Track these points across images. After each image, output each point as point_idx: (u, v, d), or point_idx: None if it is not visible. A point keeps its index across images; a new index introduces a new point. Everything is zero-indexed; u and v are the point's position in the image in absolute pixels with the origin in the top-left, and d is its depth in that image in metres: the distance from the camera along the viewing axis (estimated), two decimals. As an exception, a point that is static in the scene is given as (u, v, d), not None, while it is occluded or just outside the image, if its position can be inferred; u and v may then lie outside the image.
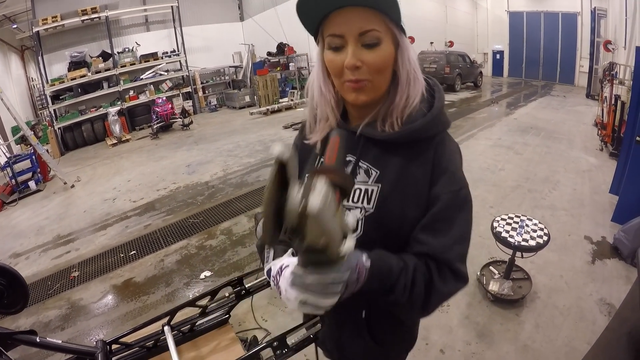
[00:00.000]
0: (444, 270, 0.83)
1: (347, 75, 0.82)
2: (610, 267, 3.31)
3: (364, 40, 0.79)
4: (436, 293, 0.82)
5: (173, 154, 8.31)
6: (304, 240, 0.57)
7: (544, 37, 15.10)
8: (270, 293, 3.25)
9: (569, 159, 6.01)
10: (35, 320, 3.27)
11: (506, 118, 9.13)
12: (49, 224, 5.38)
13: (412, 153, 0.88)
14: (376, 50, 0.80)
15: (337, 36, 0.80)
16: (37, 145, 6.88)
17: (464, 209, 0.87)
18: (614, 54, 8.29)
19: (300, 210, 0.55)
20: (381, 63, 0.82)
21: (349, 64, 0.80)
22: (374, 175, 0.90)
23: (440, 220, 0.85)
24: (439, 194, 0.85)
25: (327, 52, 0.84)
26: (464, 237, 0.87)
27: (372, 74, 0.82)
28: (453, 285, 0.84)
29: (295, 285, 0.66)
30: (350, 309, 1.02)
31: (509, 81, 15.94)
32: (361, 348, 1.07)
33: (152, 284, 3.64)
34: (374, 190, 0.89)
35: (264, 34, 12.89)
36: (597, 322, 2.69)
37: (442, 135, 0.91)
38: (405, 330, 1.15)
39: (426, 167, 0.87)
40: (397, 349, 1.16)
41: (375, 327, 1.04)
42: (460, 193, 0.86)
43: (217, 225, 4.71)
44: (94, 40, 11.25)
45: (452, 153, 0.90)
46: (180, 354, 1.31)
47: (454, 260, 0.83)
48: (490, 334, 2.67)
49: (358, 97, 0.85)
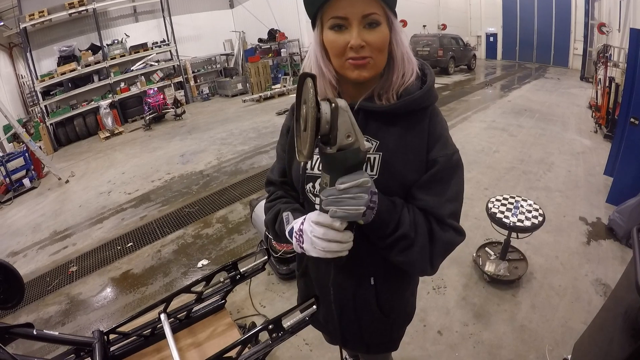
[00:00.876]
0: (442, 223, 0.94)
1: (350, 53, 0.88)
2: (605, 248, 3.33)
3: (366, 22, 0.86)
4: (438, 241, 0.93)
5: (167, 144, 8.26)
6: (335, 142, 0.72)
7: (538, 19, 15.03)
8: (268, 279, 3.29)
9: (563, 140, 6.02)
10: (35, 317, 3.27)
11: (500, 100, 9.12)
12: (45, 220, 5.36)
13: (409, 123, 0.96)
14: (377, 31, 0.87)
15: (341, 18, 0.86)
16: (29, 142, 6.82)
17: (457, 171, 0.97)
18: (608, 37, 8.26)
19: (331, 111, 0.72)
20: (382, 42, 0.88)
21: (355, 43, 0.86)
22: (374, 145, 0.97)
23: (435, 181, 0.94)
24: (436, 157, 0.94)
25: (329, 33, 0.90)
26: (456, 196, 0.97)
27: (374, 52, 0.88)
28: (452, 235, 0.94)
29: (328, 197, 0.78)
30: (359, 277, 1.08)
31: (503, 64, 15.90)
32: (369, 319, 1.13)
33: (150, 274, 3.64)
34: (375, 159, 0.96)
35: (255, 20, 12.77)
36: (592, 303, 2.71)
37: (434, 106, 1.00)
38: (407, 302, 1.22)
39: (423, 135, 0.95)
40: (399, 321, 1.23)
41: (382, 296, 1.10)
42: (453, 157, 0.96)
43: (212, 213, 4.72)
44: (83, 34, 11.08)
45: (443, 122, 1.00)
46: (178, 341, 1.31)
47: (447, 216, 0.94)
48: (487, 314, 2.69)
49: (360, 73, 0.90)
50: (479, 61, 15.77)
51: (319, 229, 0.84)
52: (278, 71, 13.36)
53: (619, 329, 1.53)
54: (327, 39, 0.91)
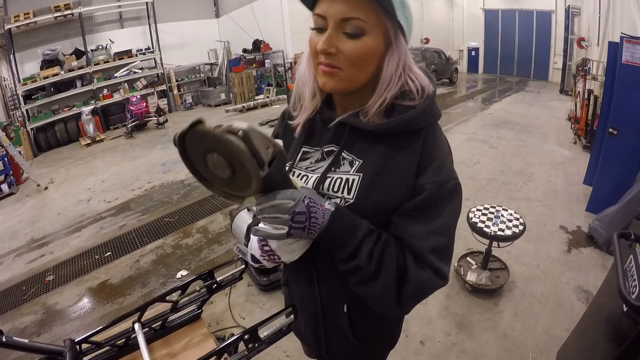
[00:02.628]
0: (420, 259, 0.79)
1: (321, 58, 0.79)
2: (586, 256, 3.38)
3: (345, 28, 0.75)
4: (411, 281, 0.78)
5: (148, 153, 8.14)
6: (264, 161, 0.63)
7: (519, 34, 15.38)
8: (248, 290, 3.24)
9: (543, 152, 6.13)
10: (10, 327, 3.15)
11: (481, 113, 9.26)
12: (22, 227, 5.20)
13: (400, 143, 0.84)
14: (356, 41, 0.75)
15: (320, 16, 0.77)
16: (9, 146, 6.64)
17: (449, 201, 0.83)
18: (587, 51, 8.50)
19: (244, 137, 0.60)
20: (358, 55, 0.76)
21: (320, 48, 0.76)
22: (356, 165, 0.86)
23: (419, 209, 0.81)
24: (424, 183, 0.81)
25: (312, 32, 0.81)
26: (443, 230, 0.81)
27: (346, 64, 0.77)
28: (429, 276, 0.79)
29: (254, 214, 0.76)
30: (331, 302, 1.00)
31: (484, 77, 16.20)
32: (343, 344, 1.05)
33: (128, 285, 3.55)
34: (354, 180, 0.85)
35: (240, 30, 12.77)
36: (575, 310, 2.74)
37: (433, 125, 0.87)
38: (388, 328, 1.11)
39: (413, 157, 0.83)
40: (379, 347, 1.13)
41: (357, 322, 1.01)
42: (446, 184, 0.81)
43: (192, 223, 4.65)
44: (67, 38, 10.92)
45: (442, 143, 0.87)
46: (152, 351, 1.27)
47: (428, 251, 0.79)
48: (469, 324, 2.69)
49: (326, 82, 0.81)
50: (461, 75, 16.04)
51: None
52: (262, 82, 13.35)
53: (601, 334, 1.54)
54: (310, 37, 0.82)
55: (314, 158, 0.95)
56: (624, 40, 3.44)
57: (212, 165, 0.65)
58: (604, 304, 1.71)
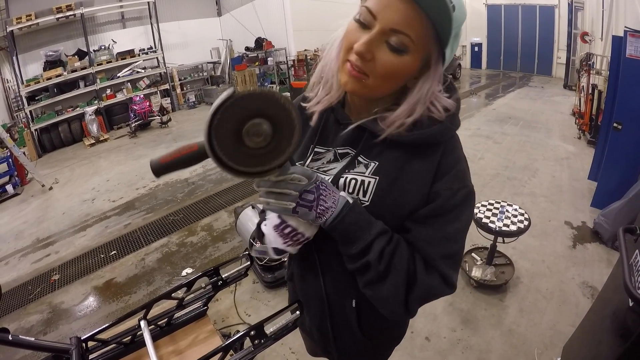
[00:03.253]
0: (430, 265, 0.80)
1: (352, 57, 0.74)
2: (591, 251, 3.37)
3: (390, 38, 0.70)
4: (419, 286, 0.79)
5: (152, 152, 8.15)
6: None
7: (522, 29, 15.25)
8: (253, 288, 3.24)
9: (547, 147, 6.09)
10: (17, 326, 3.18)
11: (485, 109, 9.21)
12: (27, 227, 5.23)
13: (417, 150, 0.82)
14: (396, 57, 0.71)
15: (370, 13, 0.71)
16: (13, 147, 6.66)
17: (462, 208, 0.82)
18: (590, 45, 8.41)
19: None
20: (392, 71, 0.73)
21: (357, 50, 0.71)
22: (372, 166, 0.84)
23: (434, 216, 0.80)
24: (439, 189, 0.80)
25: (352, 23, 0.75)
26: (456, 237, 0.82)
27: (376, 74, 0.74)
28: (438, 282, 0.79)
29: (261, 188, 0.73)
30: (338, 297, 1.00)
31: (488, 73, 16.09)
32: (349, 339, 1.04)
33: (133, 283, 3.57)
34: (370, 183, 0.83)
35: (242, 29, 12.75)
36: (580, 305, 2.74)
37: (453, 135, 0.85)
38: (395, 325, 1.11)
39: (431, 165, 0.81)
40: (385, 343, 1.13)
41: (364, 318, 1.00)
42: (459, 192, 0.81)
43: (197, 221, 4.67)
44: (70, 39, 10.92)
45: (459, 153, 0.86)
46: (158, 348, 1.27)
47: (439, 257, 0.79)
48: (474, 319, 2.69)
49: (348, 83, 0.77)
50: (464, 70, 15.96)
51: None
52: (265, 80, 13.31)
53: (607, 330, 1.53)
54: (348, 28, 0.77)
55: (326, 159, 0.93)
56: (627, 34, 3.41)
57: (250, 134, 0.64)
58: (610, 299, 1.70)
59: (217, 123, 0.62)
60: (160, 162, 0.72)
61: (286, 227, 0.79)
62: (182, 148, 0.73)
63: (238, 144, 0.64)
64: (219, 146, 0.63)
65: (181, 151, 0.73)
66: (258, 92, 0.62)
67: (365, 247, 0.77)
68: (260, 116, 0.63)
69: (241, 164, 0.65)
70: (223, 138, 0.63)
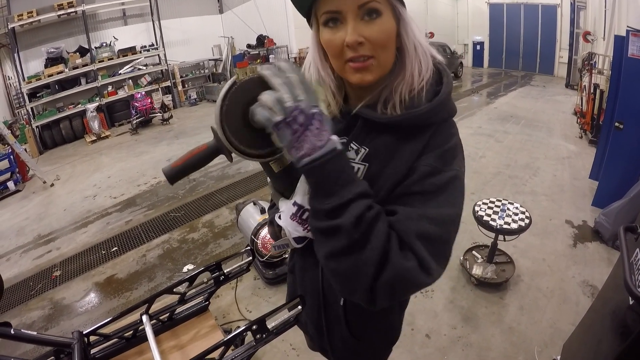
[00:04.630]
0: (405, 243, 0.69)
1: (348, 53, 0.75)
2: (591, 250, 3.37)
3: (363, 14, 0.72)
4: (389, 268, 0.66)
5: (153, 149, 8.18)
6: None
7: (524, 28, 15.22)
8: (254, 284, 3.25)
9: (548, 146, 6.09)
10: (18, 322, 3.19)
11: (486, 107, 9.20)
12: (29, 224, 5.25)
13: (409, 135, 0.79)
14: (377, 23, 0.73)
15: (334, 12, 0.73)
16: (15, 144, 6.68)
17: (445, 189, 0.75)
18: (593, 45, 8.40)
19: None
20: (384, 36, 0.74)
21: (350, 40, 0.72)
22: (362, 152, 0.83)
23: (413, 193, 0.74)
24: (418, 165, 0.75)
25: (324, 32, 0.77)
26: (437, 219, 0.72)
27: (377, 49, 0.74)
28: (412, 266, 0.67)
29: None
30: (332, 292, 1.00)
31: (489, 72, 16.08)
32: (340, 338, 1.04)
33: (134, 279, 3.58)
34: (360, 169, 0.82)
35: (244, 26, 12.74)
36: (580, 304, 2.74)
37: (447, 121, 0.82)
38: (386, 325, 1.07)
39: (418, 145, 0.78)
40: (378, 344, 1.11)
41: (352, 318, 0.99)
42: (445, 172, 0.75)
43: (198, 218, 4.68)
44: (71, 36, 10.94)
45: (452, 135, 0.81)
46: (160, 343, 1.28)
47: (415, 236, 0.69)
48: (475, 317, 2.69)
49: (363, 77, 0.77)
50: (466, 69, 15.93)
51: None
52: (267, 77, 13.34)
53: (607, 328, 1.53)
54: (323, 39, 0.78)
55: None
56: (630, 34, 3.41)
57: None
58: (610, 298, 1.70)
59: (227, 109, 0.67)
60: (172, 167, 0.76)
61: (304, 212, 0.78)
62: (193, 150, 0.76)
63: (246, 127, 0.69)
64: (231, 131, 0.68)
65: (192, 152, 0.76)
66: (257, 77, 0.68)
67: (340, 205, 0.66)
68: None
69: (252, 146, 0.71)
70: (233, 122, 0.68)
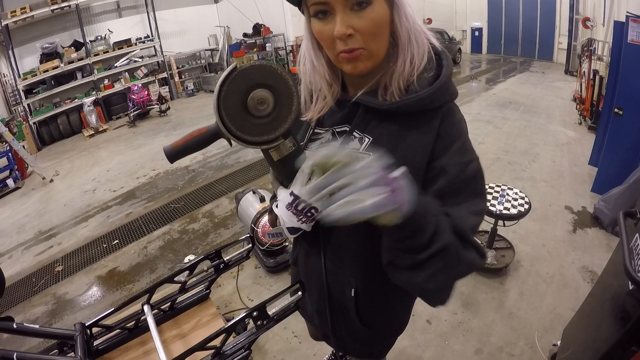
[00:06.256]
0: (464, 240, 0.71)
1: (339, 45, 0.74)
2: (591, 236, 3.38)
3: (352, 3, 0.71)
4: (462, 263, 0.68)
5: (152, 140, 8.16)
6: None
7: (523, 14, 15.09)
8: (255, 272, 3.26)
9: (548, 132, 6.07)
10: (22, 318, 3.21)
11: (485, 93, 9.16)
12: (29, 220, 5.26)
13: (414, 122, 0.79)
14: (367, 12, 0.71)
15: (322, 3, 0.72)
16: (12, 141, 6.66)
17: (476, 182, 0.77)
18: (592, 31, 8.35)
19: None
20: (375, 26, 0.73)
21: (338, 33, 0.71)
22: (366, 142, 0.82)
23: (448, 194, 0.75)
24: (445, 165, 0.76)
25: (315, 23, 0.76)
26: (477, 210, 0.75)
27: (367, 39, 0.73)
28: (474, 256, 0.72)
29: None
30: (339, 284, 1.00)
31: (488, 58, 15.97)
32: (348, 327, 1.05)
33: (136, 271, 3.60)
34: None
35: (240, 15, 12.63)
36: (580, 289, 2.75)
37: (450, 105, 0.82)
38: (395, 314, 1.08)
39: (428, 137, 0.78)
40: (385, 333, 1.12)
41: (363, 308, 1.00)
42: (469, 165, 0.77)
43: (198, 208, 4.69)
44: (65, 30, 10.85)
45: (460, 123, 0.82)
46: (162, 332, 1.28)
47: (470, 231, 0.72)
48: (475, 302, 2.71)
49: (355, 67, 0.77)
50: (465, 55, 15.83)
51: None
52: (263, 65, 13.29)
53: (607, 314, 1.54)
54: (314, 30, 0.78)
55: (325, 139, 0.92)
56: (629, 20, 3.38)
57: (255, 102, 0.70)
58: (609, 284, 1.71)
59: (225, 94, 0.68)
60: (173, 146, 0.76)
61: (300, 203, 0.78)
62: (193, 132, 0.77)
63: (244, 114, 0.70)
64: (228, 116, 0.69)
65: (192, 134, 0.77)
66: (258, 64, 0.68)
67: (434, 232, 0.64)
68: (262, 86, 0.69)
69: (249, 133, 0.71)
70: (231, 108, 0.69)
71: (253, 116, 0.70)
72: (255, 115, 0.70)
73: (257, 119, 0.71)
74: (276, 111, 0.72)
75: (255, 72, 0.69)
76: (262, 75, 0.69)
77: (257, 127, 0.72)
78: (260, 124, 0.71)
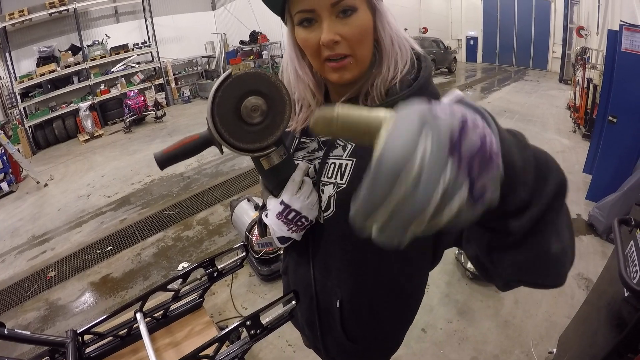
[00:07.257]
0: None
1: (325, 52, 0.74)
2: (586, 243, 3.39)
3: (337, 12, 0.71)
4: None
5: (147, 147, 8.13)
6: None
7: (518, 23, 15.27)
8: (249, 281, 3.24)
9: (542, 140, 6.10)
10: (14, 324, 3.18)
11: (480, 102, 9.18)
12: (23, 225, 5.22)
13: None
14: (353, 19, 0.71)
15: (308, 11, 0.72)
16: (7, 144, 6.63)
17: None
18: (586, 40, 8.44)
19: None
20: (360, 33, 0.73)
21: (325, 40, 0.71)
22: (349, 148, 0.82)
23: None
24: None
25: (299, 31, 0.76)
26: None
27: (354, 46, 0.73)
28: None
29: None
30: (326, 295, 0.97)
31: (483, 67, 16.11)
32: (334, 340, 1.02)
33: (129, 278, 3.57)
34: (348, 165, 0.81)
35: (237, 22, 12.68)
36: (575, 297, 2.75)
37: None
38: (384, 332, 1.03)
39: None
40: (374, 351, 1.07)
41: (348, 321, 0.96)
42: None
43: (193, 215, 4.67)
44: (63, 34, 10.85)
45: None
46: (154, 341, 1.27)
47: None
48: (470, 311, 2.70)
49: (342, 76, 0.76)
50: (460, 64, 15.96)
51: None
52: (259, 73, 13.33)
53: (602, 321, 1.54)
54: (299, 38, 0.77)
55: (310, 148, 0.92)
56: (623, 28, 3.42)
57: (248, 109, 0.70)
58: (605, 291, 1.71)
59: (219, 101, 0.68)
60: (164, 152, 0.76)
61: (290, 212, 0.78)
62: (185, 138, 0.77)
63: (238, 121, 0.70)
64: (222, 123, 0.69)
65: (184, 141, 0.77)
66: (252, 72, 0.69)
67: (544, 172, 0.50)
68: (255, 94, 0.69)
69: (241, 140, 0.71)
70: (225, 115, 0.69)
71: (246, 123, 0.70)
72: (248, 123, 0.70)
73: (249, 126, 0.71)
74: (269, 119, 0.72)
75: (249, 80, 0.69)
76: (256, 82, 0.69)
77: (250, 135, 0.71)
78: (252, 131, 0.71)
